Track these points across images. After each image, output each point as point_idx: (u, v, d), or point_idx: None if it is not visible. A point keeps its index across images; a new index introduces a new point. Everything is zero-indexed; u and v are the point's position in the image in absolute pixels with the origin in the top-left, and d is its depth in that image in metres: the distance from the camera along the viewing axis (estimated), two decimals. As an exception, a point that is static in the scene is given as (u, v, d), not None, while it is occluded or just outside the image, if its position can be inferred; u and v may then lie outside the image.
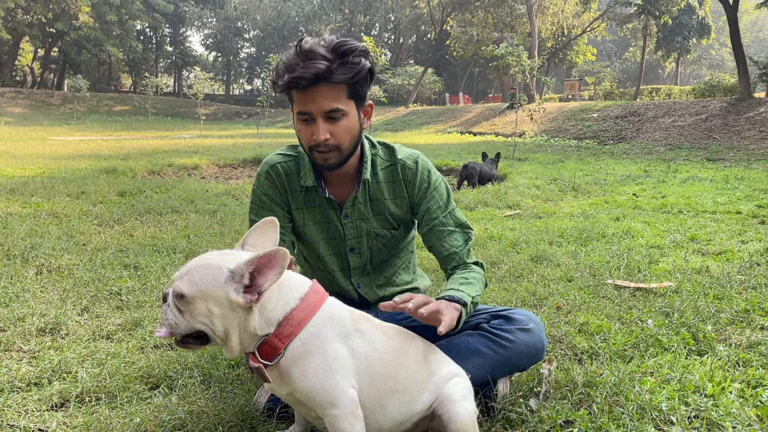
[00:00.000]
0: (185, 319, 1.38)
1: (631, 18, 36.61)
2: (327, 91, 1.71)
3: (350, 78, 1.71)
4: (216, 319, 1.37)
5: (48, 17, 40.67)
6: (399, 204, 2.02)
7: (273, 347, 1.41)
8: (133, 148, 13.56)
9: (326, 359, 1.42)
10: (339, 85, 1.72)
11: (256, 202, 2.01)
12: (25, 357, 2.36)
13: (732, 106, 17.44)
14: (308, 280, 1.53)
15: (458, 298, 1.74)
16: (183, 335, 1.41)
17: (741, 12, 33.99)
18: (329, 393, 1.41)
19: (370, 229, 2.02)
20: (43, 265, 3.61)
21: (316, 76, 1.67)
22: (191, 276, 1.37)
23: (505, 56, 12.76)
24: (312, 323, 1.44)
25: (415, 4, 45.92)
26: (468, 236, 2.01)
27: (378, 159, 2.00)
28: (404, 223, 2.07)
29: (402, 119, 30.47)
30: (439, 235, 1.98)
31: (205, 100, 37.05)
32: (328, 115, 1.74)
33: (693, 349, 2.40)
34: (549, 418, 1.83)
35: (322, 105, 1.72)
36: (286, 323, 1.42)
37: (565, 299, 3.07)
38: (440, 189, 2.02)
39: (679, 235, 4.72)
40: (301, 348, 1.42)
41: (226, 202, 6.50)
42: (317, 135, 1.76)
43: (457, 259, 1.96)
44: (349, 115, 1.78)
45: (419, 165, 2.00)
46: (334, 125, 1.76)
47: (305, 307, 1.45)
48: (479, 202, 6.80)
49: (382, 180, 1.99)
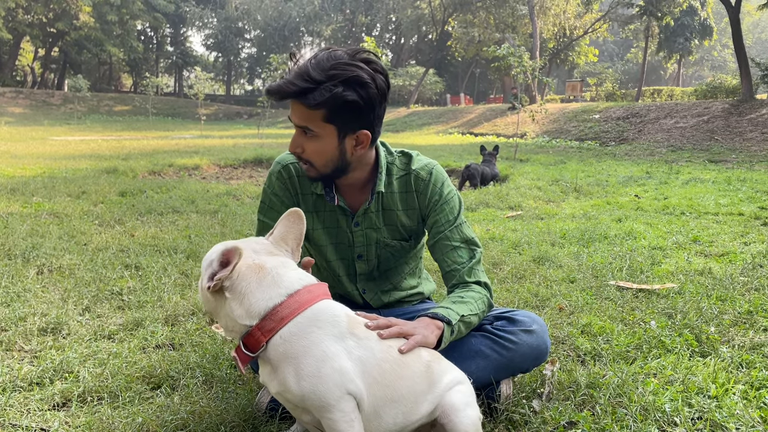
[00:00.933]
0: None
1: (633, 19, 36.61)
2: (298, 107, 1.70)
3: (321, 105, 1.65)
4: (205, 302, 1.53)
5: (49, 17, 40.71)
6: (410, 215, 1.99)
7: (255, 339, 1.43)
8: (134, 148, 13.56)
9: (314, 362, 1.39)
10: (312, 107, 1.67)
11: (266, 201, 1.99)
12: (26, 357, 2.35)
13: (734, 107, 17.43)
14: (304, 280, 1.50)
15: (441, 316, 1.69)
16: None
17: (743, 13, 33.96)
18: (321, 398, 1.38)
19: (380, 238, 1.99)
20: (44, 264, 3.61)
21: (285, 94, 1.67)
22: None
23: (506, 57, 12.76)
24: (295, 322, 1.42)
25: (417, 5, 45.94)
26: (473, 253, 1.92)
27: (394, 168, 1.96)
28: (415, 234, 2.04)
29: (403, 120, 30.48)
30: (443, 249, 1.93)
31: (205, 101, 37.08)
32: (301, 130, 1.75)
33: (696, 351, 2.40)
34: (552, 419, 1.83)
35: (295, 118, 1.73)
36: (270, 318, 1.43)
37: (567, 300, 3.07)
38: (451, 202, 1.96)
39: (682, 237, 4.72)
40: (283, 346, 1.41)
41: (227, 202, 6.50)
42: (291, 144, 1.78)
43: (458, 277, 1.89)
44: (322, 138, 1.73)
45: (433, 176, 1.95)
46: (306, 141, 1.75)
47: (291, 304, 1.44)
48: (481, 203, 6.80)
49: (396, 190, 1.95)
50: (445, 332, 1.68)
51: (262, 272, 1.46)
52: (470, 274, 1.90)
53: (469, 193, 7.66)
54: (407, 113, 33.12)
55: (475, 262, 1.92)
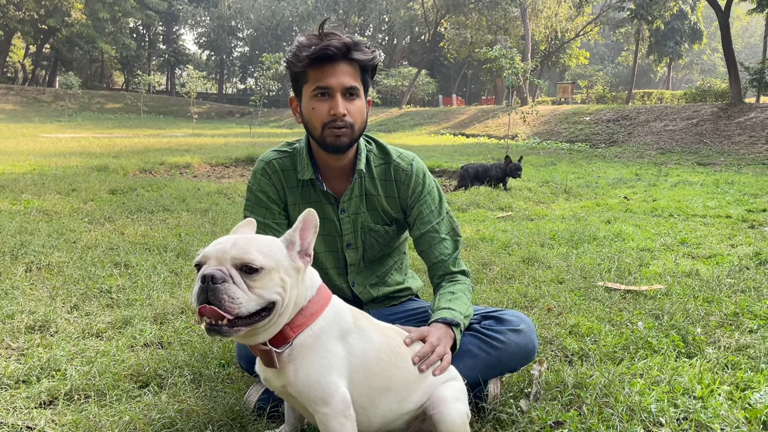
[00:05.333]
0: (256, 294, 1.32)
1: (624, 22, 36.82)
2: (346, 67, 1.78)
3: (367, 61, 1.80)
4: (288, 287, 1.37)
5: (40, 14, 40.40)
6: (391, 204, 2.02)
7: (284, 335, 1.41)
8: (125, 146, 13.49)
9: (326, 354, 1.43)
10: (355, 66, 1.79)
11: (251, 199, 2.01)
12: (13, 354, 2.34)
13: (723, 111, 17.57)
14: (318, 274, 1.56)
15: (451, 320, 1.79)
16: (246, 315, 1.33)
17: (733, 18, 34.23)
18: (323, 390, 1.41)
19: (364, 222, 2.02)
20: (32, 262, 3.58)
21: (343, 46, 1.75)
22: (260, 249, 1.35)
23: (498, 58, 12.79)
24: (323, 317, 1.46)
25: (410, 6, 45.99)
26: (457, 244, 2.03)
27: (372, 155, 2.01)
28: (396, 221, 2.07)
29: (395, 120, 30.48)
30: (431, 241, 1.99)
31: (197, 99, 36.93)
32: (346, 92, 1.79)
33: (682, 352, 2.42)
34: (539, 418, 1.84)
35: (342, 80, 1.77)
36: (301, 313, 1.43)
37: (556, 301, 3.08)
38: (433, 193, 2.02)
39: (670, 239, 4.75)
40: (308, 340, 1.43)
41: (218, 201, 6.48)
42: (336, 109, 1.78)
43: (444, 268, 1.99)
44: (360, 98, 1.84)
45: (414, 167, 2.00)
46: (350, 103, 1.81)
47: (318, 300, 1.47)
48: (471, 203, 6.82)
49: (376, 177, 2.00)
50: (457, 336, 1.79)
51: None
52: (455, 263, 2.00)
53: (459, 193, 7.68)
54: (399, 113, 33.13)
55: (458, 252, 2.02)
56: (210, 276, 1.29)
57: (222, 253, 1.34)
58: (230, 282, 1.30)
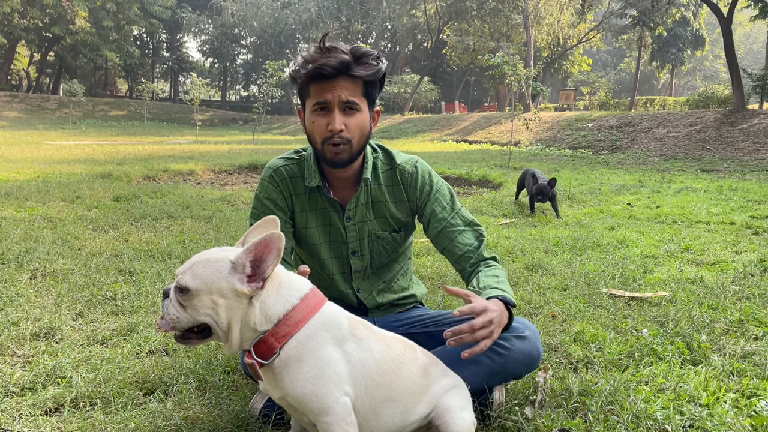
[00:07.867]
0: (188, 313, 1.41)
1: (626, 29, 36.86)
2: (346, 83, 1.77)
3: (369, 75, 1.79)
4: (221, 310, 1.40)
5: (44, 22, 40.57)
6: (400, 208, 2.03)
7: (269, 346, 1.41)
8: (129, 153, 13.54)
9: (319, 364, 1.41)
10: (357, 81, 1.79)
11: (258, 207, 2.01)
12: (19, 361, 2.34)
13: (726, 117, 17.55)
14: (309, 283, 1.54)
15: (510, 300, 1.78)
16: (184, 329, 1.44)
17: (735, 24, 34.29)
18: (321, 400, 1.40)
19: (372, 230, 2.02)
20: (37, 269, 3.59)
21: (340, 64, 1.74)
22: (195, 270, 1.40)
23: (501, 65, 12.81)
24: (309, 325, 1.44)
25: (412, 13, 46.10)
26: (479, 233, 2.04)
27: (379, 162, 2.02)
28: (405, 226, 2.08)
29: (398, 127, 30.53)
30: (450, 235, 2.00)
31: (201, 106, 36.97)
32: (344, 107, 1.79)
33: (687, 359, 2.41)
34: (544, 426, 1.83)
35: (340, 95, 1.77)
36: (284, 323, 1.42)
37: (560, 308, 3.08)
38: (443, 190, 2.04)
39: (674, 245, 4.74)
40: (296, 350, 1.41)
41: (222, 208, 6.49)
42: (333, 124, 1.79)
43: (476, 257, 1.99)
44: (363, 111, 1.83)
45: (419, 169, 2.02)
46: (348, 118, 1.81)
47: (304, 308, 1.45)
48: (474, 210, 6.82)
49: (382, 183, 2.01)
50: (513, 313, 1.81)
51: (275, 275, 1.46)
52: (486, 251, 2.02)
53: (461, 200, 7.67)
54: (402, 120, 33.18)
55: (484, 240, 2.04)
56: (163, 292, 1.46)
57: (180, 271, 1.43)
58: (170, 299, 1.43)
